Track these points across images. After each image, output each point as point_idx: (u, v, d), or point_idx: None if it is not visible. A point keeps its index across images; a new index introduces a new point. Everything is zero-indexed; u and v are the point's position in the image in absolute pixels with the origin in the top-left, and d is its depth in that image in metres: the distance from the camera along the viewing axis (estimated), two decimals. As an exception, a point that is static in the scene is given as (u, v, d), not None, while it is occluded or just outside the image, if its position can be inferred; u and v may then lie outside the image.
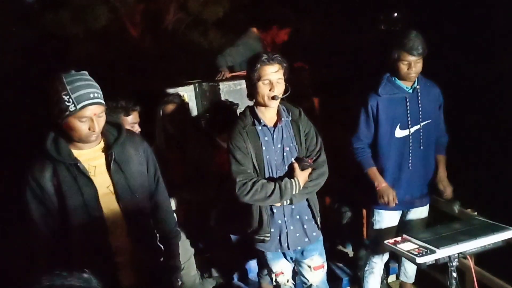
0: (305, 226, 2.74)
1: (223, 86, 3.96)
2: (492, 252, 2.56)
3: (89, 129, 2.07)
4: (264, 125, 2.63)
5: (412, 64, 2.94)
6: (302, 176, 2.61)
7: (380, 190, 3.09)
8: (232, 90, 3.97)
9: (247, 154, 2.61)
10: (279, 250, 2.76)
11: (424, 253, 2.40)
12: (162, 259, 2.43)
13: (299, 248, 2.77)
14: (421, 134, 3.10)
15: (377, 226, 3.24)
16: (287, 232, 2.70)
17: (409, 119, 3.07)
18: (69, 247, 2.19)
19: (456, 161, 3.33)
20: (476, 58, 3.73)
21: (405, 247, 2.50)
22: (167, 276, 2.44)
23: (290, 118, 2.67)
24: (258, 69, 2.51)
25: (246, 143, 2.61)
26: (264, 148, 2.63)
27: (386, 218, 3.23)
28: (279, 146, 2.65)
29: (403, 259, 3.34)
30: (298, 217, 2.72)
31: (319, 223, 2.79)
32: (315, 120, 2.85)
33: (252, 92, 2.60)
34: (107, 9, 5.70)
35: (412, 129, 3.09)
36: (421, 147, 3.12)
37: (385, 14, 4.52)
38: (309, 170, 2.64)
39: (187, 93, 3.87)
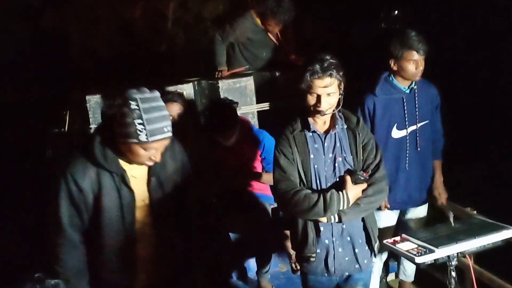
0: (356, 251, 2.46)
1: (222, 84, 3.96)
2: (492, 251, 2.55)
3: (150, 158, 2.07)
4: (314, 132, 2.43)
5: (419, 63, 2.93)
6: (353, 190, 2.35)
7: None
8: (231, 88, 3.97)
9: (293, 161, 2.41)
10: (325, 275, 2.50)
11: (423, 252, 2.38)
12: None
13: (347, 274, 2.52)
14: (417, 134, 3.10)
15: (374, 226, 3.24)
16: (334, 255, 2.45)
17: (406, 119, 3.06)
18: (95, 249, 2.20)
19: (455, 159, 3.33)
20: (476, 55, 3.72)
21: (404, 246, 2.48)
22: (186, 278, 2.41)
23: (346, 126, 2.46)
24: (307, 81, 2.31)
25: (292, 149, 2.41)
26: (312, 156, 2.41)
27: (384, 218, 3.22)
28: (330, 155, 2.42)
29: (402, 258, 3.33)
30: (349, 238, 2.46)
31: (375, 249, 2.53)
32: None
33: (301, 99, 2.40)
34: (107, 7, 5.69)
35: (409, 130, 3.08)
36: (418, 148, 3.11)
37: (385, 12, 4.51)
38: (364, 185, 2.38)
39: (186, 91, 3.87)
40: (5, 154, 4.59)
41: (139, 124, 1.95)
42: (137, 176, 2.17)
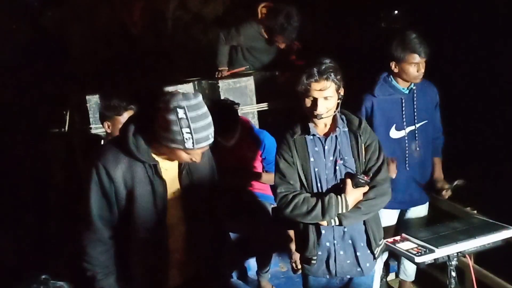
0: (358, 254, 2.45)
1: (223, 84, 3.96)
2: (492, 251, 2.55)
3: (191, 159, 2.09)
4: (315, 135, 2.41)
5: (421, 66, 2.93)
6: (352, 194, 2.33)
7: None
8: (231, 88, 3.97)
9: (293, 164, 2.40)
10: (326, 276, 2.50)
11: (423, 252, 2.38)
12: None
13: (348, 277, 2.52)
14: (416, 135, 3.09)
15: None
16: (335, 257, 2.44)
17: (404, 120, 3.06)
18: (125, 243, 2.19)
19: (455, 159, 3.33)
20: (476, 55, 3.72)
21: (404, 246, 2.48)
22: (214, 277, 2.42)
23: (347, 128, 2.43)
24: (304, 84, 2.29)
25: (292, 153, 2.40)
26: (312, 159, 2.40)
27: (384, 217, 3.20)
28: (331, 158, 2.40)
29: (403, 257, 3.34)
30: (350, 241, 2.44)
31: (376, 253, 2.51)
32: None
33: (299, 102, 2.39)
34: (107, 6, 5.70)
35: (407, 130, 3.08)
36: (417, 148, 3.11)
37: (385, 12, 4.52)
38: (365, 188, 2.36)
39: (186, 91, 3.86)
40: (5, 154, 4.59)
41: (187, 133, 1.97)
42: (168, 168, 2.18)
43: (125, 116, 2.90)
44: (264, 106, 4.12)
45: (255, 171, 3.57)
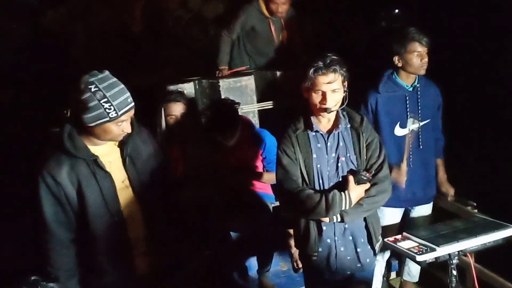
0: (358, 250, 2.48)
1: (223, 83, 3.96)
2: (493, 250, 2.55)
3: (122, 130, 2.14)
4: (317, 131, 2.42)
5: (423, 55, 2.95)
6: (355, 191, 2.35)
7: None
8: (232, 87, 3.97)
9: (295, 160, 2.40)
10: (327, 273, 2.52)
11: (424, 251, 2.38)
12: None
13: (349, 273, 2.54)
14: (420, 133, 3.10)
15: (377, 223, 3.24)
16: (336, 254, 2.46)
17: (408, 117, 3.07)
18: (86, 242, 2.22)
19: (456, 158, 3.33)
20: (476, 54, 3.71)
21: (405, 245, 2.48)
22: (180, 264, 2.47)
23: (349, 125, 2.44)
24: (311, 78, 2.29)
25: (294, 149, 2.40)
26: (315, 155, 2.40)
27: (387, 216, 3.22)
28: (333, 155, 2.41)
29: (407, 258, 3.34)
30: (351, 238, 2.46)
31: (376, 248, 2.53)
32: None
33: (305, 97, 2.39)
34: (107, 6, 5.69)
35: (411, 128, 3.09)
36: (421, 146, 3.11)
37: (386, 11, 4.51)
38: (366, 185, 2.38)
39: (187, 90, 3.87)
40: (4, 154, 4.59)
41: (106, 103, 2.04)
42: (111, 160, 2.23)
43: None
44: (264, 105, 4.12)
45: (256, 171, 3.57)
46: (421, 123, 3.10)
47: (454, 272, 2.46)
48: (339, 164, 2.41)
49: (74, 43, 5.71)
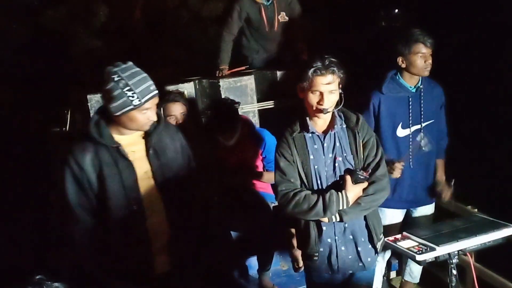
0: (359, 249, 2.48)
1: (223, 83, 3.96)
2: (492, 249, 2.55)
3: (147, 119, 2.20)
4: (313, 132, 2.43)
5: (427, 56, 2.95)
6: (352, 190, 2.37)
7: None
8: (232, 87, 3.97)
9: (292, 162, 2.42)
10: (329, 272, 2.52)
11: (424, 250, 2.39)
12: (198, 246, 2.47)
13: (350, 272, 2.55)
14: (422, 134, 3.09)
15: (379, 224, 3.24)
16: (337, 253, 2.47)
17: (410, 118, 3.07)
18: (106, 229, 2.25)
19: (456, 157, 3.33)
20: (476, 53, 3.72)
21: (405, 244, 2.49)
22: (201, 263, 2.48)
23: (345, 125, 2.46)
24: (309, 78, 2.32)
25: (291, 151, 2.42)
26: (312, 156, 2.42)
27: (389, 216, 3.22)
28: (330, 155, 2.43)
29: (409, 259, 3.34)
30: (351, 237, 2.47)
31: (378, 247, 2.54)
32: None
33: (302, 98, 2.41)
34: (106, 5, 5.69)
35: (413, 129, 3.09)
36: (423, 147, 3.11)
37: (385, 11, 4.52)
38: (364, 184, 2.39)
39: (187, 89, 3.87)
40: (6, 153, 4.59)
41: (129, 91, 2.11)
42: (135, 150, 2.27)
43: None
44: (264, 105, 4.12)
45: (256, 170, 3.57)
46: (424, 124, 3.10)
47: (454, 272, 2.46)
48: (336, 164, 2.42)
49: (74, 43, 5.72)
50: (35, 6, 5.72)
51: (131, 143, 2.27)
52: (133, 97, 2.11)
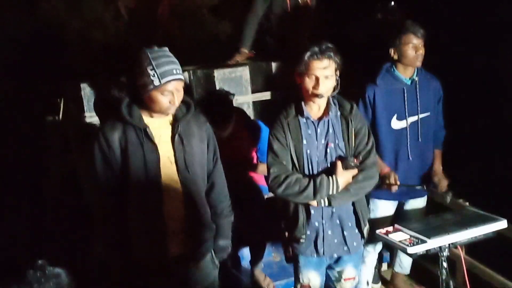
0: (345, 233, 2.55)
1: (218, 74, 3.94)
2: (483, 243, 2.58)
3: (169, 102, 2.22)
4: (308, 118, 2.48)
5: (418, 47, 2.95)
6: (343, 176, 2.42)
7: (385, 174, 3.01)
8: (226, 78, 3.95)
9: (285, 146, 2.47)
10: (314, 255, 2.59)
11: (415, 243, 2.41)
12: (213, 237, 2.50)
13: (336, 255, 2.63)
14: (419, 126, 3.10)
15: (371, 215, 3.24)
16: (323, 237, 2.54)
17: (406, 110, 3.07)
18: (126, 208, 2.30)
19: (448, 151, 3.34)
20: (473, 49, 3.72)
21: (397, 237, 2.51)
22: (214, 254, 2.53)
23: (339, 113, 2.50)
24: (306, 62, 2.36)
25: (285, 134, 2.47)
26: (305, 141, 2.47)
27: (381, 208, 3.24)
28: (323, 142, 2.48)
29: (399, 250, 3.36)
30: (338, 221, 2.54)
31: (364, 232, 2.62)
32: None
33: (298, 83, 2.45)
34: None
35: (410, 121, 3.09)
36: (419, 139, 3.12)
37: (382, 3, 4.50)
38: (354, 171, 2.45)
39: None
40: (3, 149, 4.58)
41: (151, 70, 2.16)
42: (162, 134, 2.31)
43: None
44: (259, 96, 4.11)
45: (250, 162, 3.57)
46: (420, 116, 3.10)
47: (445, 264, 2.49)
48: (328, 151, 2.48)
49: (69, 31, 5.68)
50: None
51: (159, 127, 2.31)
52: (154, 76, 2.15)
